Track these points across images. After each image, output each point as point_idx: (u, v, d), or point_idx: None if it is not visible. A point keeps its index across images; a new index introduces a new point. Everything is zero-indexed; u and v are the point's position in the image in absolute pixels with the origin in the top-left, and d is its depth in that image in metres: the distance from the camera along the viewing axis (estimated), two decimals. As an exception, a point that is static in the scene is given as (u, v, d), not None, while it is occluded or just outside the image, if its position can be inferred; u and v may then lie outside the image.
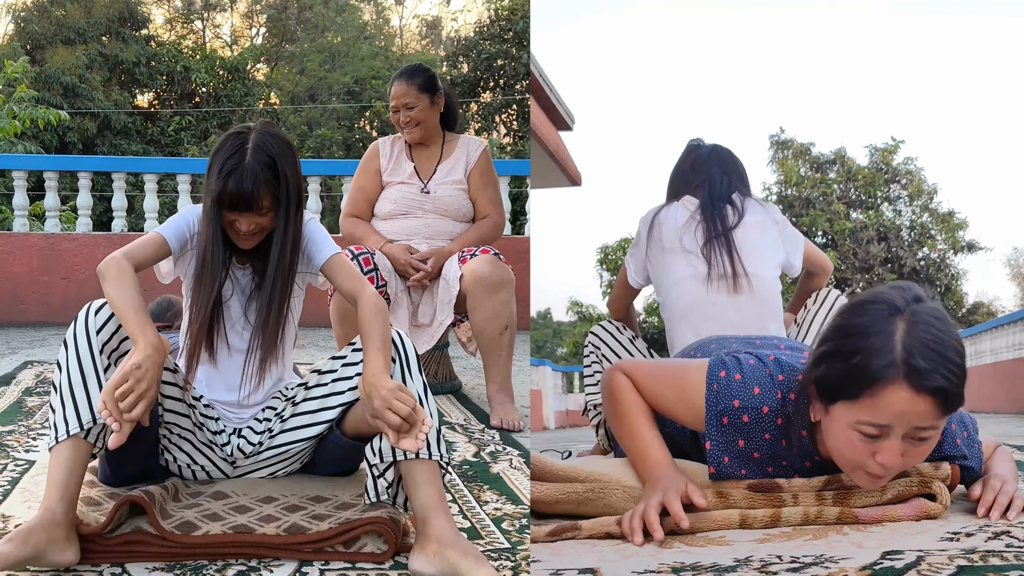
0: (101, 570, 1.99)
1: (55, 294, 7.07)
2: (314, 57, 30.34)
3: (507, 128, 25.96)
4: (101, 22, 26.44)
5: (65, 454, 2.01)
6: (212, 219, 2.24)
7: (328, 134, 27.16)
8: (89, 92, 24.90)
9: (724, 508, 2.10)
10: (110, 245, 7.15)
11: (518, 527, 2.33)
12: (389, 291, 3.76)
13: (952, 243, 20.36)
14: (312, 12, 31.00)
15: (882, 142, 21.40)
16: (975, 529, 1.90)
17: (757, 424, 2.15)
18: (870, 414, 1.92)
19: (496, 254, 3.71)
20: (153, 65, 27.35)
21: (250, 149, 2.21)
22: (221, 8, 32.82)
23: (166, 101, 27.97)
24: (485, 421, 3.59)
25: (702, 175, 3.19)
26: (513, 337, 3.69)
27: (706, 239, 3.01)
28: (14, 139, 12.64)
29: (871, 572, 1.62)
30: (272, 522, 2.13)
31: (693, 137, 3.40)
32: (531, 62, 15.88)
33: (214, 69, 27.64)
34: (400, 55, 32.47)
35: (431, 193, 3.95)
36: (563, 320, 29.02)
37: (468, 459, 3.03)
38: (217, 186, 2.19)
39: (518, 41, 23.45)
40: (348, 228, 4.02)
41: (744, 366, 2.18)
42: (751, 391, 2.15)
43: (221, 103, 27.02)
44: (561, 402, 16.31)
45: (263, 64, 31.52)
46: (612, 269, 21.48)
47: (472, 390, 4.33)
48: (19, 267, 7.12)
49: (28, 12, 26.92)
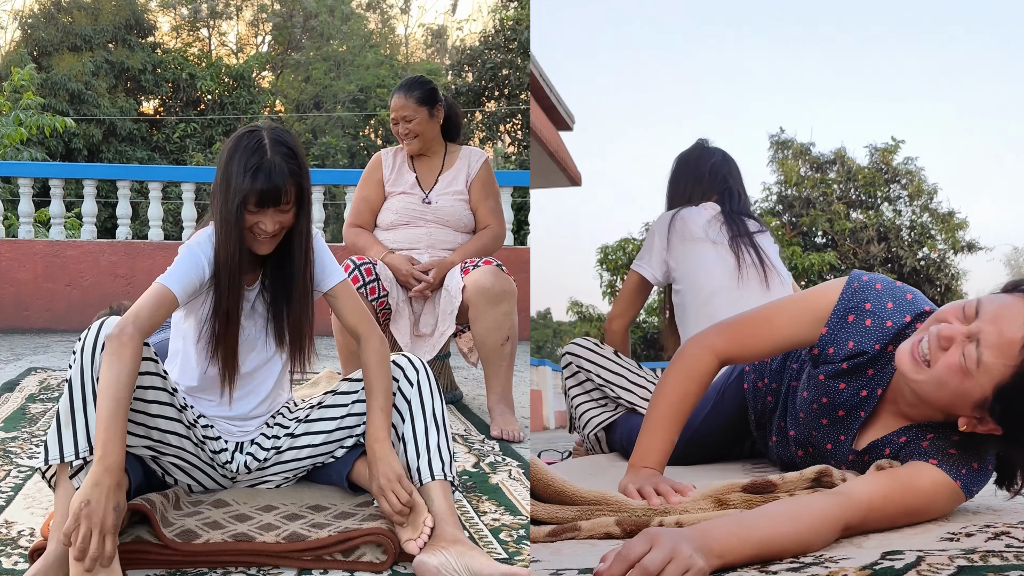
0: (102, 577, 2.00)
1: (59, 301, 7.10)
2: (319, 65, 30.42)
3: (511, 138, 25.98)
4: (107, 29, 26.51)
5: (72, 488, 1.99)
6: (235, 223, 2.19)
7: (333, 142, 27.22)
8: (95, 99, 24.97)
9: (723, 509, 2.09)
10: (114, 252, 7.18)
11: (516, 538, 2.34)
12: (391, 301, 3.78)
13: (952, 243, 20.31)
14: (318, 20, 31.06)
15: (882, 142, 21.35)
16: (975, 529, 1.90)
17: (875, 334, 2.16)
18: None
19: (499, 265, 3.73)
20: (159, 72, 27.43)
21: (268, 144, 2.19)
22: (227, 16, 32.86)
23: (171, 108, 28.05)
24: (485, 432, 3.61)
25: (719, 185, 3.20)
26: (515, 348, 3.71)
27: (732, 235, 3.05)
28: (20, 146, 12.69)
29: (871, 572, 1.62)
30: (272, 530, 2.15)
31: (700, 137, 3.40)
32: (531, 62, 15.91)
33: (219, 76, 27.71)
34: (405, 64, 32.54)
35: (432, 204, 3.98)
36: (563, 320, 28.98)
37: (468, 469, 3.04)
38: (245, 185, 2.15)
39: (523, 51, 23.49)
40: (351, 238, 4.04)
41: (885, 281, 2.20)
42: (884, 303, 2.16)
43: (226, 110, 27.09)
44: (561, 402, 16.24)
45: (268, 72, 31.61)
46: (612, 269, 21.41)
47: (473, 400, 4.35)
48: (24, 274, 7.15)
49: (35, 19, 26.99)
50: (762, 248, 3.10)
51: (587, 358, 3.30)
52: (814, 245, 20.68)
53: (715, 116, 46.89)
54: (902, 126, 51.93)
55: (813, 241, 20.85)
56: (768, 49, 49.56)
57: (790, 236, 20.09)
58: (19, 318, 7.07)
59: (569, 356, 3.36)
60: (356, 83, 29.21)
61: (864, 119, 42.11)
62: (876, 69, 43.91)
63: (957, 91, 44.84)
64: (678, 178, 3.34)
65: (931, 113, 44.76)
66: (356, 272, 3.72)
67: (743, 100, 46.69)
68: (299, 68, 31.22)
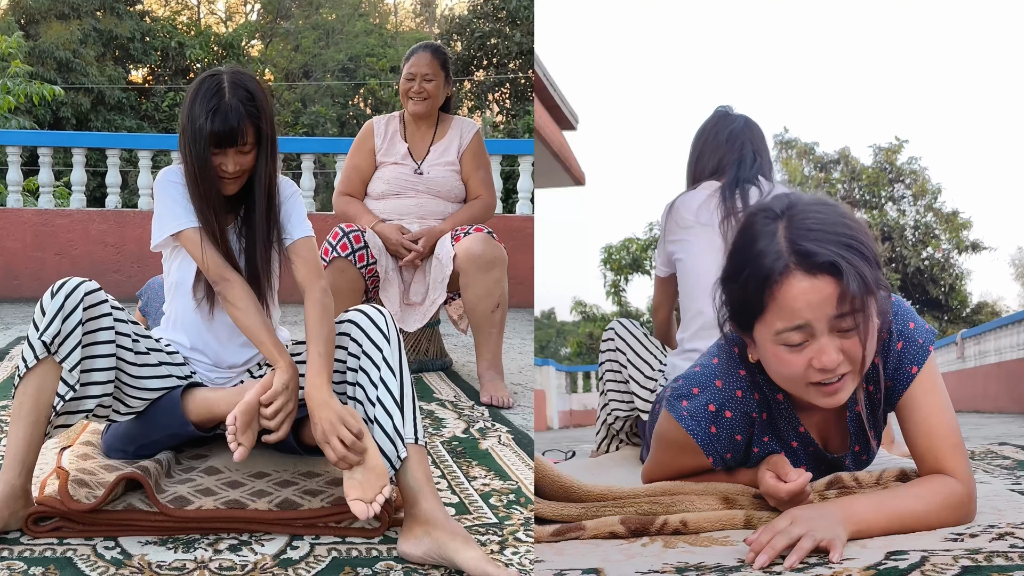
0: (95, 544, 2.02)
1: (49, 270, 7.08)
2: (309, 34, 30.23)
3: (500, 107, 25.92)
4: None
5: (23, 431, 2.07)
6: (202, 159, 2.25)
7: (322, 111, 27.10)
8: (83, 67, 24.79)
9: (730, 508, 2.07)
10: (104, 221, 7.16)
11: (506, 502, 2.36)
12: (379, 269, 3.78)
13: (956, 243, 20.33)
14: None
15: (886, 141, 21.36)
16: (979, 530, 1.87)
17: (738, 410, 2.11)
18: (782, 319, 1.87)
19: (489, 232, 3.74)
20: (148, 41, 27.21)
21: (227, 87, 2.25)
22: (216, -16, 32.66)
23: (160, 77, 27.86)
24: (475, 398, 3.62)
25: (735, 152, 3.04)
26: (504, 315, 3.72)
27: (724, 216, 2.90)
28: (8, 114, 12.61)
29: (875, 572, 1.62)
30: (264, 497, 2.17)
31: (721, 104, 3.25)
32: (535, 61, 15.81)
33: (209, 45, 27.51)
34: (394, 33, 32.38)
35: (424, 174, 3.98)
36: (567, 320, 28.93)
37: (457, 435, 3.06)
38: (205, 126, 2.21)
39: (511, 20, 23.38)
40: (342, 206, 4.04)
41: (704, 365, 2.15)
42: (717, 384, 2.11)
43: (215, 79, 26.91)
44: (565, 402, 16.21)
45: (258, 40, 31.39)
46: (616, 269, 21.42)
47: (463, 367, 4.36)
48: (13, 243, 7.13)
49: (22, -14, 26.77)
50: None
51: (625, 339, 3.19)
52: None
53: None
54: (906, 126, 51.86)
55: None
56: (771, 49, 49.46)
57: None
58: (8, 287, 7.05)
59: (609, 335, 3.25)
60: (345, 52, 29.05)
61: (868, 119, 42.02)
62: (880, 68, 43.81)
63: (960, 90, 44.81)
64: (696, 151, 3.16)
65: (935, 112, 44.75)
66: (344, 239, 3.72)
67: (747, 99, 46.63)
68: (288, 37, 31.02)
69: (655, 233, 21.27)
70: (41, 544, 2.01)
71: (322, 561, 1.97)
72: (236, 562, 1.95)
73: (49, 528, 2.06)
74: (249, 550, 2.01)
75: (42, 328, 2.09)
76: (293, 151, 8.05)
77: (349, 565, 1.96)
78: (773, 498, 2.01)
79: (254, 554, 1.99)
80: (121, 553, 1.98)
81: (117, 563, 1.93)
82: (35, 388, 2.10)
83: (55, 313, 2.09)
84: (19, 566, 1.89)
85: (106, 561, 1.93)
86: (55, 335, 2.08)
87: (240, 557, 1.98)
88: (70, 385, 2.10)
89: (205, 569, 1.91)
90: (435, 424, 3.20)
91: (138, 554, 1.97)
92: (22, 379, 2.11)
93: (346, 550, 2.03)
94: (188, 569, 1.91)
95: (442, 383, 3.97)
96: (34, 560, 1.93)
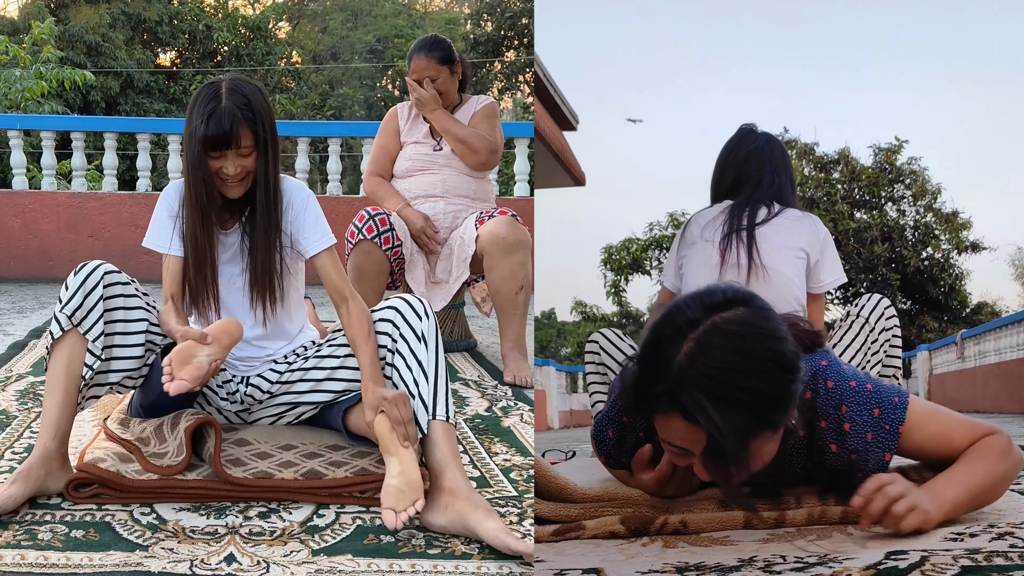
0: (131, 510, 2.13)
1: (82, 251, 7.21)
2: (336, 15, 30.32)
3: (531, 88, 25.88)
4: (124, -20, 26.48)
5: (57, 398, 2.22)
6: (197, 165, 2.37)
7: (350, 93, 27.20)
8: (112, 51, 24.98)
9: (726, 509, 2.07)
10: (135, 204, 7.28)
11: (526, 477, 2.45)
12: (404, 251, 3.87)
13: (956, 243, 20.10)
14: (334, -30, 30.93)
15: (886, 142, 21.00)
16: (979, 530, 1.86)
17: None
18: (665, 434, 1.88)
19: (513, 215, 3.81)
20: (175, 24, 27.38)
21: (224, 92, 2.36)
22: (243, -34, 32.75)
23: (188, 60, 28.04)
24: (498, 378, 3.71)
25: (752, 172, 3.02)
26: (528, 297, 3.80)
27: (725, 233, 2.86)
28: (40, 99, 12.77)
29: (875, 572, 1.61)
30: (291, 467, 2.26)
31: (745, 122, 3.15)
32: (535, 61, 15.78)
33: (236, 28, 27.65)
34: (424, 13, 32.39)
35: (443, 149, 4.08)
36: (567, 320, 28.82)
37: (480, 413, 3.15)
38: (199, 130, 2.33)
39: None
40: (371, 187, 4.15)
41: None
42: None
43: (243, 62, 27.08)
44: (565, 402, 16.20)
45: (285, 22, 31.50)
46: (616, 269, 21.34)
47: (487, 348, 4.45)
48: (48, 225, 7.26)
49: (52, -30, 26.98)
50: (762, 242, 2.86)
51: (607, 350, 3.15)
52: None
53: (720, 116, 46.60)
54: (906, 126, 51.36)
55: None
56: (772, 49, 49.06)
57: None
58: (44, 268, 7.19)
59: (592, 345, 3.21)
60: (373, 33, 29.10)
61: (868, 119, 41.55)
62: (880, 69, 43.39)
63: (960, 90, 44.26)
64: (718, 169, 3.12)
65: (935, 113, 44.21)
66: (371, 222, 3.82)
67: (747, 100, 46.00)
68: (316, 18, 31.12)
69: (655, 233, 21.21)
70: (81, 509, 2.12)
71: (347, 528, 2.06)
72: (265, 528, 2.05)
73: (88, 495, 2.17)
74: (277, 517, 2.11)
75: (65, 302, 2.26)
76: (320, 135, 8.14)
77: (373, 533, 2.05)
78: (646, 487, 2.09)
79: (282, 521, 2.09)
80: (156, 519, 2.08)
81: (153, 528, 2.03)
82: (66, 358, 2.24)
83: (77, 289, 2.27)
84: (61, 529, 2.00)
85: (142, 526, 2.04)
86: (76, 308, 2.25)
87: (269, 523, 2.07)
88: (96, 355, 2.26)
89: (236, 534, 2.01)
90: (459, 402, 3.29)
91: (172, 519, 2.08)
92: (51, 351, 2.26)
93: (370, 519, 2.13)
94: (220, 534, 2.01)
95: (466, 363, 4.06)
96: (75, 524, 2.03)
